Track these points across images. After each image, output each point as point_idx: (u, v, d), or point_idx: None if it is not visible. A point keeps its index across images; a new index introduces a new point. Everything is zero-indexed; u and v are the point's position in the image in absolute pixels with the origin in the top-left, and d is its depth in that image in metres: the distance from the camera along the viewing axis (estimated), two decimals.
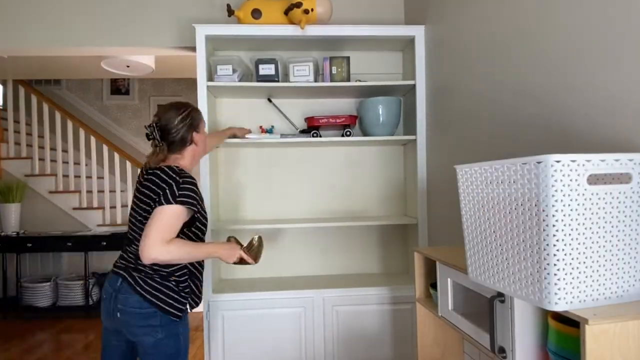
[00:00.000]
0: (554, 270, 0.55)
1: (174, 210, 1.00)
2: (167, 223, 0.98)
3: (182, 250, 1.00)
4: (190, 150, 1.12)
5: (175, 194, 1.00)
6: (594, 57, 0.77)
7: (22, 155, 3.32)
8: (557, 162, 0.54)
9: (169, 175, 1.04)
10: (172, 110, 1.09)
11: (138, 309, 1.02)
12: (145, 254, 0.96)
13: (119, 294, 1.03)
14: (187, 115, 1.09)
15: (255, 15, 1.57)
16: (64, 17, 1.82)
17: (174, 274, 1.06)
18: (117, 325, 1.05)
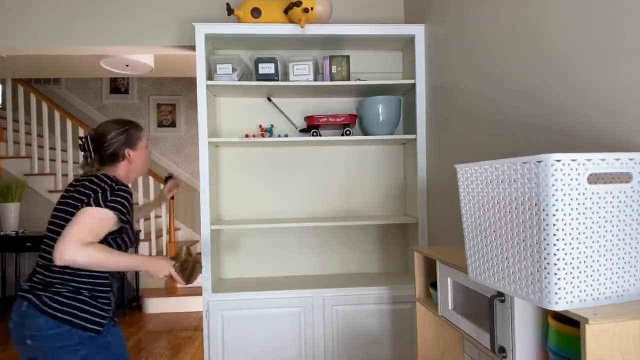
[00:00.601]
0: (554, 270, 0.55)
1: (102, 214, 0.94)
2: (91, 225, 0.92)
3: (101, 255, 0.92)
4: (123, 166, 1.10)
5: (107, 198, 0.96)
6: (594, 56, 0.77)
7: (21, 154, 3.32)
8: (558, 161, 0.54)
9: (103, 181, 1.01)
10: (110, 124, 1.09)
11: (49, 330, 0.93)
12: (58, 255, 0.88)
13: (25, 320, 0.94)
14: (124, 132, 1.08)
15: (255, 14, 1.57)
16: (63, 16, 1.82)
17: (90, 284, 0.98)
18: (32, 353, 0.96)
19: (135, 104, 4.29)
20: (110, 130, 1.07)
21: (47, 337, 0.93)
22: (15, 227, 3.12)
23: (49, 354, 0.94)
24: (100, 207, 0.95)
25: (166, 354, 2.28)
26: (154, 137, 4.28)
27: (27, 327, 0.95)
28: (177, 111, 4.30)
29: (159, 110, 4.30)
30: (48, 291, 0.96)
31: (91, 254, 0.91)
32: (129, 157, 1.10)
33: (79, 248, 0.90)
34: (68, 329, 0.94)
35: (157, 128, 4.28)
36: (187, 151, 4.30)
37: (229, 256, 1.79)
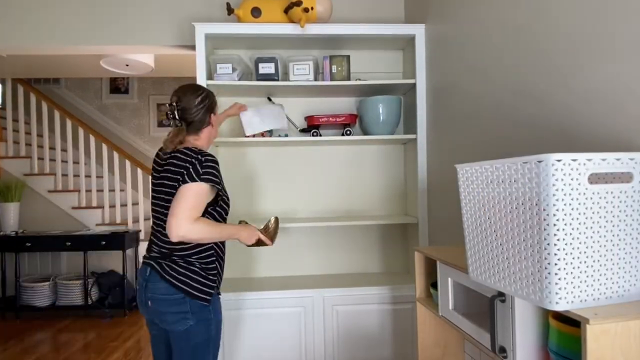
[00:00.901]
0: (554, 269, 0.54)
1: (199, 188, 0.99)
2: (193, 201, 0.98)
3: (208, 229, 1.00)
4: (207, 132, 1.13)
5: (199, 172, 1.00)
6: (594, 56, 0.77)
7: (21, 154, 3.31)
8: (558, 161, 0.54)
9: (189, 155, 1.04)
10: (190, 91, 1.09)
11: (167, 295, 1.02)
12: (173, 232, 0.95)
13: (148, 283, 1.04)
14: (205, 97, 1.11)
15: (254, 13, 1.57)
16: (63, 15, 1.82)
17: (199, 257, 1.06)
18: (151, 314, 1.06)
19: (135, 104, 4.28)
20: (193, 98, 1.08)
21: (165, 301, 1.02)
22: (15, 227, 3.12)
23: (162, 316, 1.04)
24: (195, 182, 0.99)
25: None
26: (153, 137, 4.28)
27: (150, 289, 1.04)
28: None
29: (158, 109, 4.29)
30: (167, 259, 1.05)
31: (201, 228, 0.98)
32: (212, 122, 1.13)
33: (190, 224, 0.96)
34: (182, 297, 1.02)
35: (157, 127, 4.27)
36: None
37: (229, 256, 1.79)
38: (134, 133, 4.27)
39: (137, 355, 2.27)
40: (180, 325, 1.03)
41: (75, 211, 3.23)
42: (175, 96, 1.09)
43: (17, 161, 3.26)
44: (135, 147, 4.24)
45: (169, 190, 1.03)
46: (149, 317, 1.09)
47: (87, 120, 4.16)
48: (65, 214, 3.23)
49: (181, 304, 1.02)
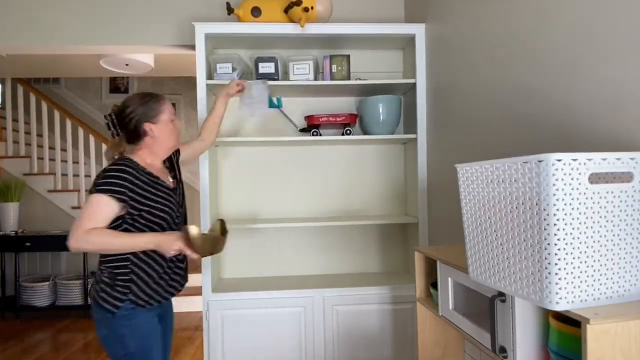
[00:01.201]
0: (555, 269, 0.54)
1: (95, 199, 0.97)
2: (88, 212, 0.95)
3: (102, 240, 0.96)
4: (147, 143, 1.06)
5: (98, 182, 0.98)
6: (595, 55, 0.77)
7: (20, 154, 3.31)
8: (558, 161, 0.54)
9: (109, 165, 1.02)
10: (130, 97, 1.06)
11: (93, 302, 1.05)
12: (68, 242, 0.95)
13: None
14: (142, 104, 1.04)
15: (254, 13, 1.57)
16: (62, 15, 1.81)
17: (109, 266, 1.02)
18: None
19: None
20: (130, 105, 1.03)
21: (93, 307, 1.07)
22: (15, 227, 3.11)
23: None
24: (92, 193, 0.98)
25: None
26: None
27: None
28: (177, 110, 4.29)
29: None
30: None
31: (94, 239, 0.94)
32: (150, 132, 1.05)
33: (80, 235, 0.93)
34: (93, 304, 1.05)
35: None
36: None
37: (229, 255, 1.78)
38: None
39: None
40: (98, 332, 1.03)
41: (75, 211, 3.23)
42: (116, 105, 1.07)
43: (16, 161, 3.26)
44: None
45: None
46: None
47: (87, 120, 4.16)
48: (65, 214, 3.23)
49: (95, 312, 1.02)
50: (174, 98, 4.29)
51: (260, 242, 1.79)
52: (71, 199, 3.24)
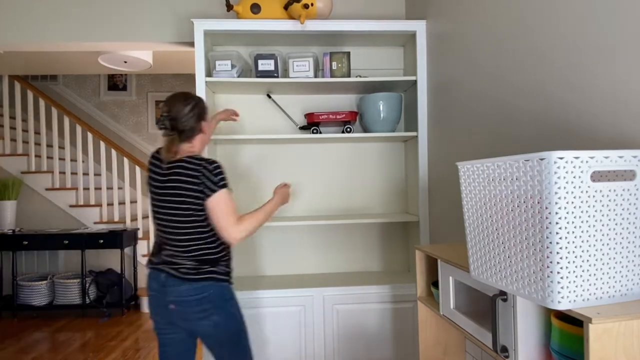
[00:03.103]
0: (557, 268, 0.54)
1: (224, 195, 1.08)
2: (227, 208, 1.08)
3: (253, 222, 1.13)
4: (199, 139, 1.16)
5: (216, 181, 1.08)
6: (598, 53, 0.76)
7: (18, 152, 3.29)
8: (561, 158, 0.53)
9: (196, 164, 1.09)
10: (179, 101, 1.13)
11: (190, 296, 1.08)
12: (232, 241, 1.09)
13: (167, 288, 1.09)
14: (194, 106, 1.14)
15: (254, 10, 1.56)
16: (60, 12, 1.80)
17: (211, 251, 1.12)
18: (171, 317, 1.10)
19: (133, 101, 4.26)
20: (182, 107, 1.12)
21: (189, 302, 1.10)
22: (12, 225, 3.10)
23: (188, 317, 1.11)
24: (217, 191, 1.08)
25: None
26: (152, 134, 4.26)
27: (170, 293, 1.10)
28: None
29: (157, 107, 4.27)
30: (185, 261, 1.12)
31: (245, 228, 1.11)
32: (203, 129, 1.16)
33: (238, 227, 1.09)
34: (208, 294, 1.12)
35: (155, 125, 4.25)
36: None
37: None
38: (132, 130, 4.24)
39: (135, 354, 2.26)
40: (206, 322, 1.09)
41: (73, 209, 3.22)
42: (166, 106, 1.12)
43: (14, 159, 3.24)
44: (134, 145, 4.22)
45: (182, 199, 1.08)
46: (167, 320, 1.12)
47: (85, 117, 4.14)
48: (63, 212, 3.22)
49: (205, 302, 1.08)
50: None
51: (260, 241, 1.78)
52: (69, 197, 3.23)
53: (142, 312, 3.01)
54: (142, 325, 2.73)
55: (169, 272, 1.09)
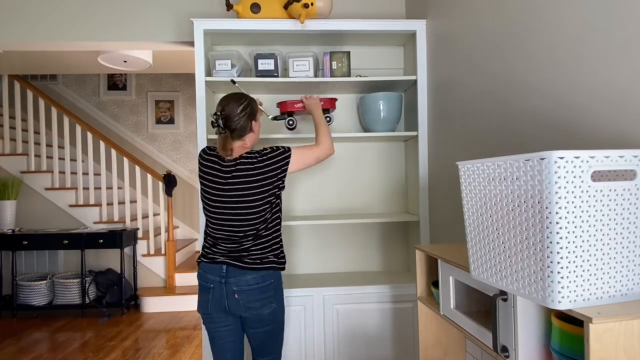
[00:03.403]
0: (557, 268, 0.54)
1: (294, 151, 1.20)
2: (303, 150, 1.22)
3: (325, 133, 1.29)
4: (250, 137, 1.20)
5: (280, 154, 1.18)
6: (598, 52, 0.76)
7: (17, 151, 3.29)
8: (561, 158, 0.53)
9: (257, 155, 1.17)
10: (233, 100, 1.17)
11: (256, 284, 1.14)
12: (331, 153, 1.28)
13: (229, 279, 1.14)
14: (247, 106, 1.18)
15: (254, 9, 1.55)
16: (60, 11, 1.79)
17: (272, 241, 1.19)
18: (231, 307, 1.15)
19: (132, 100, 4.26)
20: (236, 106, 1.17)
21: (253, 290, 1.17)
22: (12, 225, 3.10)
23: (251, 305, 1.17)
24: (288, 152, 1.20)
25: (164, 353, 2.27)
26: (151, 134, 4.25)
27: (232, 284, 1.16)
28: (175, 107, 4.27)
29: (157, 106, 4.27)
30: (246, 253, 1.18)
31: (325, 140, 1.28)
32: (253, 129, 1.21)
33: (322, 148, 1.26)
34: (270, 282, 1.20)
35: (155, 125, 4.25)
36: (185, 148, 4.28)
37: None
38: (132, 130, 4.24)
39: (135, 354, 2.26)
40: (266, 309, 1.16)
41: (73, 209, 3.22)
42: (220, 105, 1.16)
43: (14, 158, 3.24)
44: (133, 144, 4.22)
45: (249, 192, 1.14)
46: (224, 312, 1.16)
47: (85, 117, 4.13)
48: (63, 212, 3.22)
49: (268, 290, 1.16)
50: (173, 95, 4.27)
51: None
52: (69, 197, 3.22)
53: (142, 312, 3.01)
54: (142, 325, 2.73)
55: (230, 264, 1.14)
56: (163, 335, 2.55)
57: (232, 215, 1.15)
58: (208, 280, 1.16)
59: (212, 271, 1.16)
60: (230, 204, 1.15)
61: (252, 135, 1.20)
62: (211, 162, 1.18)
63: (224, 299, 1.14)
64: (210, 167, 1.18)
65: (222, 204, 1.16)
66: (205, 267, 1.18)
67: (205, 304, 1.17)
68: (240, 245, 1.16)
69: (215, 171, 1.17)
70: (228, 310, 1.15)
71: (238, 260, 1.15)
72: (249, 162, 1.15)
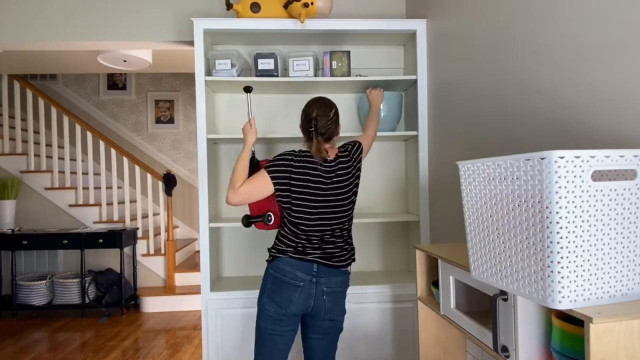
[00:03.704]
0: (557, 268, 0.54)
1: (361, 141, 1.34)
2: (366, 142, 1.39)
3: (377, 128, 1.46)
4: (335, 141, 1.27)
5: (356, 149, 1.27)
6: (599, 52, 0.76)
7: (17, 151, 3.29)
8: (561, 158, 0.53)
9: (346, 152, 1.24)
10: (325, 105, 1.22)
11: (344, 286, 1.18)
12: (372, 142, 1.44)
13: (319, 278, 1.13)
14: (336, 111, 1.24)
15: (254, 9, 1.55)
16: (59, 11, 1.79)
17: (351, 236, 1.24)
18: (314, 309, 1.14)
19: (132, 100, 4.25)
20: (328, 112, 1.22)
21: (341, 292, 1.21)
22: (11, 225, 3.09)
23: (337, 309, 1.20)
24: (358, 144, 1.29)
25: (164, 353, 2.27)
26: (151, 134, 4.25)
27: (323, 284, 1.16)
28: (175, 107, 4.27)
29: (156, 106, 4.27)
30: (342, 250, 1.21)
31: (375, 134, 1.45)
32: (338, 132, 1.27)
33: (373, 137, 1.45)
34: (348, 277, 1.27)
35: (155, 124, 4.25)
36: (185, 148, 4.28)
37: (228, 254, 1.78)
38: (131, 130, 4.24)
39: (135, 354, 2.26)
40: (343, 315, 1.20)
41: (73, 209, 3.21)
42: (314, 111, 1.20)
43: (13, 158, 3.23)
44: (133, 144, 4.22)
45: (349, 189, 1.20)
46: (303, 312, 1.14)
47: (84, 116, 4.13)
48: (62, 212, 3.21)
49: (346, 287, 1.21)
50: (172, 95, 4.27)
51: (261, 240, 1.78)
52: (68, 197, 3.22)
53: (142, 311, 3.00)
54: (142, 325, 2.73)
55: (321, 263, 1.14)
56: (163, 335, 2.55)
57: (332, 214, 1.17)
58: (297, 278, 1.11)
59: (302, 269, 1.12)
60: (333, 202, 1.17)
61: (337, 137, 1.26)
62: (309, 166, 1.17)
63: (311, 299, 1.12)
64: (310, 169, 1.17)
65: (324, 204, 1.16)
66: (294, 264, 1.12)
67: (288, 303, 1.11)
68: (333, 244, 1.17)
69: (318, 172, 1.17)
70: (309, 312, 1.13)
71: (329, 259, 1.15)
72: (346, 160, 1.21)
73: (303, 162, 1.17)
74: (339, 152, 1.22)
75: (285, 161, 1.18)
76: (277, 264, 1.14)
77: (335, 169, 1.19)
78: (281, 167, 1.17)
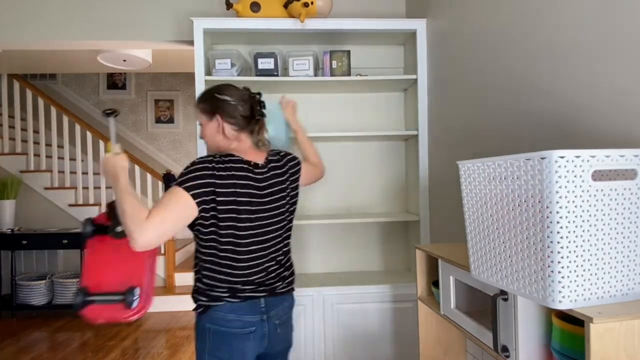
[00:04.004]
0: (558, 267, 0.54)
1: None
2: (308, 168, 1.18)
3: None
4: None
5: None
6: (600, 51, 0.76)
7: (17, 151, 3.28)
8: (561, 157, 0.53)
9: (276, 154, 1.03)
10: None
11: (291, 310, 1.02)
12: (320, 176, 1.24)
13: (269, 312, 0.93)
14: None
15: (254, 8, 1.55)
16: (59, 10, 1.79)
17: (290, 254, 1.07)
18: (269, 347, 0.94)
19: (132, 100, 4.25)
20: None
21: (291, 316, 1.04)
22: (11, 225, 3.09)
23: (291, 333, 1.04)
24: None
25: (164, 353, 2.27)
26: (151, 133, 4.25)
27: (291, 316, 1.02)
28: (175, 107, 4.27)
29: (156, 105, 4.26)
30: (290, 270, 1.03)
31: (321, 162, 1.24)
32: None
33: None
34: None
35: (155, 124, 4.25)
36: (184, 147, 4.28)
37: None
38: (131, 129, 4.24)
39: (135, 354, 2.26)
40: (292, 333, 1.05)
41: (72, 208, 3.21)
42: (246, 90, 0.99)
43: (13, 158, 3.23)
44: (133, 144, 4.21)
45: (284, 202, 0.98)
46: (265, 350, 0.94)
47: (84, 116, 4.13)
48: (62, 211, 3.21)
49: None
50: (172, 94, 4.27)
51: None
52: (68, 196, 3.22)
53: None
54: (141, 325, 2.73)
55: (269, 293, 0.92)
56: (162, 335, 2.54)
57: (270, 233, 0.93)
58: (246, 324, 0.88)
59: (249, 310, 0.89)
60: (270, 217, 0.93)
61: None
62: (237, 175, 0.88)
63: (265, 338, 0.91)
64: (238, 178, 0.88)
65: (260, 223, 0.91)
66: (237, 309, 0.88)
67: (241, 356, 0.87)
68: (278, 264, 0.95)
69: (248, 181, 0.90)
70: (263, 350, 0.93)
71: (275, 287, 0.94)
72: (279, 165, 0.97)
73: (228, 171, 0.87)
74: (269, 156, 0.97)
75: (205, 170, 0.85)
76: (215, 314, 0.87)
77: (267, 176, 0.94)
78: (201, 178, 0.83)
